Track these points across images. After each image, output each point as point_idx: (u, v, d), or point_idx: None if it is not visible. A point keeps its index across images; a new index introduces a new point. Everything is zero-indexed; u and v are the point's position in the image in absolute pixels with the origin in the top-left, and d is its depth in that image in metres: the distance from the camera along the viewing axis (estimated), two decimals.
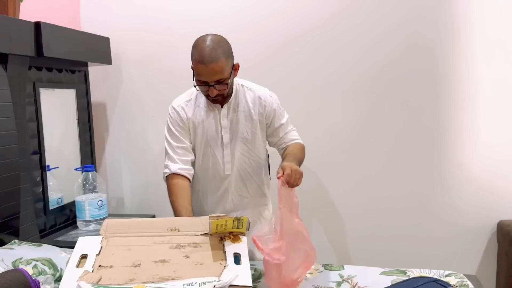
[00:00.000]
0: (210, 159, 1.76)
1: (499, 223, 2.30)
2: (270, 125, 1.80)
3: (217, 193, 1.81)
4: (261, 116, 1.77)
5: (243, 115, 1.74)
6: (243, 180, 1.80)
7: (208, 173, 1.78)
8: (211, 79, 1.57)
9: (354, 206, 2.49)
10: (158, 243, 1.32)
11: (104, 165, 2.81)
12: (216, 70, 1.55)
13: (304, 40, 2.42)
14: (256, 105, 1.76)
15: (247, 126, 1.75)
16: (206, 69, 1.55)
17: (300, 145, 1.84)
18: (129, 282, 1.13)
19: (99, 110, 2.74)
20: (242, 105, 1.75)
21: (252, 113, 1.75)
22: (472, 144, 2.32)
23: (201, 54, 1.54)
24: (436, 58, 2.30)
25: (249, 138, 1.76)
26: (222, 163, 1.76)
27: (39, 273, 1.46)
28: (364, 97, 2.40)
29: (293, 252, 1.45)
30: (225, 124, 1.73)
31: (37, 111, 2.10)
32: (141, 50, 2.64)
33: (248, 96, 1.76)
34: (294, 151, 1.76)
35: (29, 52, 1.94)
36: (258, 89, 1.79)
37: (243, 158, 1.77)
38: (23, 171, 1.94)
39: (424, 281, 1.08)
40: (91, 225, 2.25)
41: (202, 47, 1.55)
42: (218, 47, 1.56)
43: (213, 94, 1.61)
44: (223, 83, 1.59)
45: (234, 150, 1.76)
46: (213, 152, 1.75)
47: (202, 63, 1.54)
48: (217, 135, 1.74)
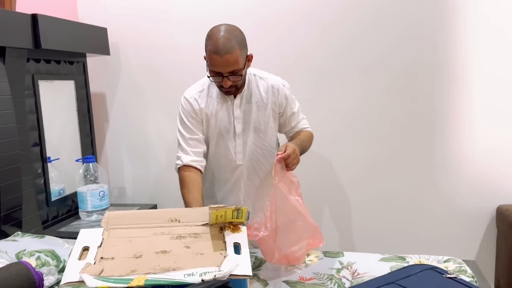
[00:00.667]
0: (222, 149, 1.77)
1: (498, 208, 2.31)
2: (283, 114, 1.80)
3: (229, 183, 1.82)
4: (274, 105, 1.76)
5: (255, 105, 1.74)
6: (255, 170, 1.81)
7: (221, 163, 1.79)
8: (226, 70, 1.56)
9: (352, 193, 2.51)
10: (159, 234, 1.33)
11: (105, 155, 2.82)
12: (231, 61, 1.54)
13: (302, 27, 2.41)
14: (269, 94, 1.75)
15: (260, 116, 1.75)
16: (221, 60, 1.53)
17: (309, 133, 1.86)
18: (131, 273, 1.14)
19: (98, 100, 2.74)
20: (255, 95, 1.74)
21: (265, 102, 1.74)
22: (471, 130, 2.32)
23: (216, 44, 1.53)
24: (435, 44, 2.29)
25: (261, 128, 1.76)
26: (234, 153, 1.76)
27: (42, 264, 1.48)
28: (362, 84, 2.40)
29: (289, 227, 1.48)
30: (238, 115, 1.73)
31: (36, 103, 2.11)
32: (139, 39, 2.63)
33: (261, 85, 1.75)
34: (302, 138, 1.78)
35: (26, 45, 1.94)
36: (270, 78, 1.78)
37: (255, 147, 1.78)
38: (24, 163, 1.95)
39: (422, 269, 1.09)
40: (93, 216, 2.27)
41: (217, 38, 1.54)
42: (232, 37, 1.54)
43: (227, 85, 1.60)
44: (237, 74, 1.59)
45: (246, 140, 1.76)
46: (225, 142, 1.76)
47: (217, 53, 1.53)
48: (230, 125, 1.74)
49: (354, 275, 1.47)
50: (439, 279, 1.02)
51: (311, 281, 1.45)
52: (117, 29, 2.62)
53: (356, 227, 2.53)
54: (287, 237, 1.49)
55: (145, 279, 1.08)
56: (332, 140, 2.48)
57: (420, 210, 2.43)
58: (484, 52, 2.24)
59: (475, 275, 1.44)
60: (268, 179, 1.81)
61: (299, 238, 1.52)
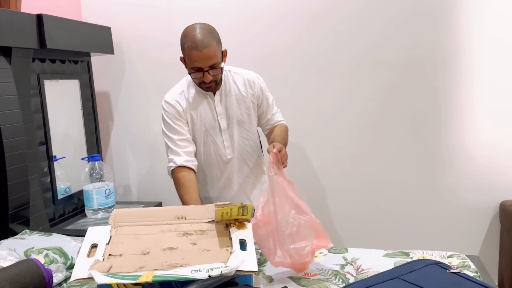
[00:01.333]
0: (211, 146, 1.81)
1: (502, 203, 2.32)
2: (260, 106, 1.87)
3: (222, 178, 1.86)
4: (252, 97, 1.82)
5: (235, 99, 1.80)
6: (245, 161, 1.87)
7: (211, 160, 1.83)
8: (206, 64, 1.62)
9: (356, 189, 2.52)
10: (166, 231, 1.35)
11: (110, 154, 2.84)
12: (210, 54, 1.61)
13: (307, 23, 2.42)
14: (246, 87, 1.81)
15: (242, 109, 1.81)
16: (201, 55, 1.60)
17: (285, 127, 1.92)
18: (139, 269, 1.16)
19: (103, 99, 2.76)
20: (233, 90, 1.80)
21: (244, 95, 1.81)
22: (475, 125, 2.32)
23: (194, 40, 1.60)
24: (438, 40, 2.29)
25: (245, 120, 1.82)
26: (223, 148, 1.81)
27: (50, 261, 1.50)
28: (366, 81, 2.40)
29: (290, 223, 1.47)
30: (220, 111, 1.78)
31: (42, 102, 2.13)
32: (143, 38, 2.65)
33: (237, 80, 1.82)
34: (282, 134, 1.83)
35: (32, 45, 1.96)
36: (244, 72, 1.85)
37: (242, 140, 1.83)
38: (31, 162, 1.97)
39: (425, 264, 1.10)
40: (99, 213, 2.30)
41: (194, 34, 1.61)
42: (208, 33, 1.62)
43: (208, 79, 1.65)
44: (216, 68, 1.65)
45: (232, 134, 1.81)
46: (213, 139, 1.80)
47: (196, 49, 1.59)
48: (215, 122, 1.79)
49: (358, 271, 1.49)
50: (443, 274, 1.04)
51: (316, 277, 1.46)
52: (121, 28, 2.63)
53: (359, 223, 2.54)
54: (291, 233, 1.48)
55: (153, 275, 1.10)
56: (335, 136, 2.49)
57: (424, 206, 2.44)
58: (488, 48, 2.24)
59: (478, 270, 1.45)
60: (256, 168, 1.89)
61: (304, 236, 1.51)
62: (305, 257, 1.46)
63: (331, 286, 1.38)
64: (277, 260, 1.47)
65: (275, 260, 1.47)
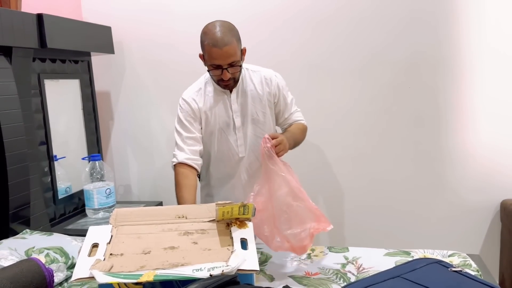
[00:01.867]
0: (224, 144, 1.80)
1: (503, 202, 2.32)
2: (277, 105, 1.85)
3: (234, 176, 1.85)
4: (269, 96, 1.81)
5: (251, 98, 1.79)
6: (258, 160, 1.83)
7: (224, 158, 1.82)
8: (225, 62, 1.62)
9: (357, 188, 2.52)
10: (167, 230, 1.35)
11: (110, 153, 2.84)
12: (230, 52, 1.60)
13: (308, 23, 2.42)
14: (263, 85, 1.80)
15: (257, 108, 1.79)
16: (221, 52, 1.59)
17: (302, 126, 1.91)
18: (140, 269, 1.16)
19: (103, 99, 2.76)
20: (250, 88, 1.79)
21: (260, 94, 1.79)
22: (475, 125, 2.32)
23: (214, 38, 1.59)
24: (438, 38, 2.29)
25: (260, 119, 1.80)
26: (236, 146, 1.80)
27: (51, 261, 1.50)
28: (366, 79, 2.40)
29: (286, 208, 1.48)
30: (236, 109, 1.77)
31: (42, 102, 2.13)
32: (143, 38, 2.65)
33: (254, 78, 1.80)
34: (294, 130, 1.83)
35: (32, 44, 1.96)
36: (262, 71, 1.83)
37: (256, 138, 1.81)
38: (32, 161, 1.97)
39: (427, 262, 1.10)
40: (99, 213, 2.30)
41: (214, 32, 1.60)
42: (228, 31, 1.61)
43: (226, 77, 1.65)
44: (236, 66, 1.64)
45: (246, 132, 1.80)
46: (226, 137, 1.79)
47: (216, 46, 1.58)
48: (229, 120, 1.78)
49: (359, 270, 1.49)
50: (444, 273, 1.03)
51: (317, 276, 1.46)
52: (121, 27, 2.63)
53: (360, 222, 2.54)
54: (287, 219, 1.48)
55: (154, 274, 1.10)
56: (336, 135, 2.49)
57: (425, 205, 2.44)
58: (487, 47, 2.24)
59: (479, 269, 1.45)
60: None
61: (300, 221, 1.50)
62: (303, 241, 1.47)
63: (332, 285, 1.38)
64: (276, 244, 1.48)
65: (273, 245, 1.47)
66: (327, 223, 1.53)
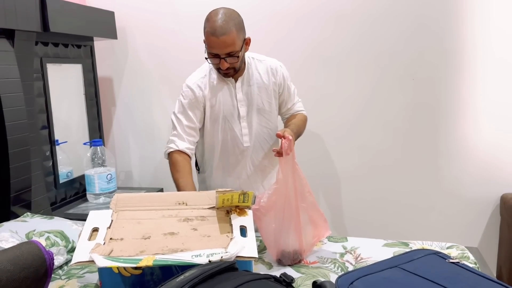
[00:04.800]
0: (228, 133, 1.79)
1: (503, 196, 2.32)
2: (281, 94, 1.84)
3: (238, 166, 1.84)
4: (274, 85, 1.80)
5: (256, 87, 1.77)
6: (263, 149, 1.84)
7: (228, 147, 1.81)
8: (222, 51, 1.60)
9: (358, 179, 2.52)
10: (167, 216, 1.35)
11: (112, 139, 2.85)
12: (228, 42, 1.58)
13: (312, 15, 2.40)
14: (269, 75, 1.79)
15: (262, 97, 1.78)
16: (218, 41, 1.57)
17: (304, 117, 1.90)
18: (140, 253, 1.17)
19: (105, 84, 2.76)
20: (255, 77, 1.78)
21: (266, 83, 1.78)
22: (477, 118, 2.32)
23: (213, 26, 1.57)
24: (442, 31, 2.27)
25: (265, 108, 1.80)
26: (240, 136, 1.79)
27: (52, 244, 1.51)
28: (369, 71, 2.39)
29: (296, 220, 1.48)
30: (241, 98, 1.76)
31: (44, 86, 2.13)
32: (146, 23, 2.63)
33: (260, 67, 1.79)
34: (297, 123, 1.82)
35: (35, 28, 1.95)
36: (268, 60, 1.82)
37: (261, 128, 1.81)
38: (33, 145, 1.98)
39: (425, 253, 1.10)
40: (100, 198, 2.31)
41: (214, 20, 1.57)
42: (229, 20, 1.58)
43: (224, 66, 1.63)
44: (234, 56, 1.62)
45: (251, 122, 1.79)
46: (231, 126, 1.78)
47: (213, 35, 1.57)
48: (234, 109, 1.76)
49: (357, 260, 1.49)
50: (442, 264, 1.04)
51: (315, 265, 1.47)
52: (124, 13, 2.62)
53: (360, 213, 2.55)
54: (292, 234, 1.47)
55: (153, 259, 1.10)
56: (338, 127, 2.48)
57: (425, 197, 2.45)
58: (491, 41, 2.23)
59: (477, 262, 1.45)
60: (272, 156, 1.80)
61: (306, 234, 1.50)
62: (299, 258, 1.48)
63: (329, 274, 1.39)
64: (276, 257, 1.48)
65: (274, 257, 1.48)
66: (326, 228, 1.56)
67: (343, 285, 0.96)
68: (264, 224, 1.48)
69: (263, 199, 1.47)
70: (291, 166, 1.48)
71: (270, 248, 1.49)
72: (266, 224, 1.47)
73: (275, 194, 1.46)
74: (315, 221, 1.54)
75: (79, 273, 1.45)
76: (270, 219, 1.47)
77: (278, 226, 1.46)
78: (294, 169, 1.48)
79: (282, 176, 1.46)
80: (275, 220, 1.46)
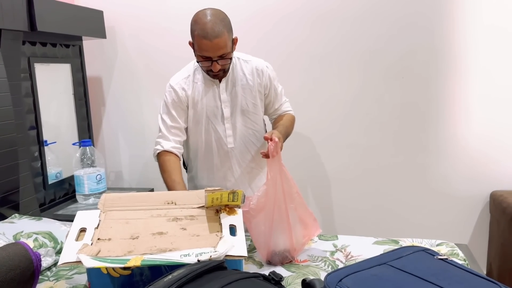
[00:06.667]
0: (212, 134, 1.77)
1: (492, 193, 2.34)
2: (268, 96, 1.82)
3: (223, 167, 1.82)
4: (259, 87, 1.78)
5: (241, 88, 1.75)
6: (249, 150, 1.82)
7: (212, 149, 1.80)
8: (215, 54, 1.57)
9: (348, 177, 2.52)
10: (155, 216, 1.34)
11: (102, 139, 2.83)
12: (220, 45, 1.55)
13: (301, 12, 2.40)
14: (254, 76, 1.76)
15: (247, 98, 1.76)
16: (211, 45, 1.54)
17: (292, 117, 1.89)
18: (128, 254, 1.16)
19: (94, 84, 2.74)
20: (241, 78, 1.75)
21: (251, 84, 1.76)
22: (466, 116, 2.33)
23: (204, 29, 1.53)
24: (431, 30, 2.28)
25: (250, 109, 1.77)
26: (224, 137, 1.77)
27: (40, 246, 1.50)
28: (359, 69, 2.40)
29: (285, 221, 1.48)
30: (225, 98, 1.74)
31: (32, 86, 2.11)
32: (135, 23, 2.61)
33: (245, 68, 1.76)
34: (286, 124, 1.80)
35: (22, 27, 1.93)
36: (254, 61, 1.79)
37: (246, 129, 1.79)
38: (21, 146, 1.96)
39: (414, 250, 1.10)
40: (90, 199, 2.29)
41: (204, 22, 1.54)
42: (219, 21, 1.55)
43: (216, 69, 1.61)
44: (226, 58, 1.60)
45: (235, 123, 1.77)
46: (214, 127, 1.76)
47: (206, 38, 1.53)
48: (218, 110, 1.75)
49: (347, 258, 1.49)
50: (430, 260, 1.04)
51: (305, 263, 1.47)
52: (113, 12, 2.60)
53: (350, 211, 2.56)
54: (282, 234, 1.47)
55: (141, 259, 1.10)
56: (327, 126, 2.49)
57: (415, 195, 2.46)
58: (481, 39, 2.24)
59: (467, 259, 1.46)
60: (259, 157, 1.79)
61: (296, 234, 1.51)
62: (289, 259, 1.48)
63: (320, 272, 1.39)
64: (267, 258, 1.48)
65: (264, 258, 1.48)
66: (317, 227, 1.56)
67: (332, 283, 0.96)
68: (254, 226, 1.47)
69: (253, 201, 1.46)
70: (278, 167, 1.47)
71: (260, 250, 1.49)
72: (256, 226, 1.47)
73: (264, 196, 1.46)
74: (304, 220, 1.54)
75: (68, 274, 1.44)
76: (259, 220, 1.47)
77: (267, 228, 1.45)
78: (281, 170, 1.48)
79: (270, 177, 1.46)
80: (264, 222, 1.46)
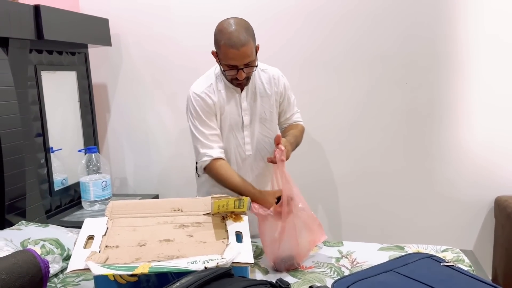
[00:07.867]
0: (232, 141, 1.78)
1: (497, 199, 2.34)
2: (281, 104, 1.84)
3: (239, 174, 1.82)
4: (276, 95, 1.80)
5: (260, 97, 1.77)
6: (263, 158, 1.83)
7: (231, 156, 1.80)
8: (242, 62, 1.58)
9: (353, 183, 2.53)
10: (162, 223, 1.35)
11: (107, 146, 2.84)
12: (247, 53, 1.56)
13: (304, 19, 2.41)
14: (271, 85, 1.78)
15: (265, 107, 1.78)
16: (238, 53, 1.55)
17: (302, 128, 1.90)
18: (135, 261, 1.17)
19: (100, 91, 2.76)
20: (259, 87, 1.77)
21: (269, 93, 1.78)
22: (470, 121, 2.33)
23: (231, 38, 1.54)
24: (434, 36, 2.29)
25: (267, 117, 1.79)
26: (243, 144, 1.78)
27: (47, 252, 1.51)
28: (363, 75, 2.40)
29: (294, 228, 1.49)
30: (245, 107, 1.75)
31: (39, 93, 2.13)
32: (140, 30, 2.63)
33: (263, 77, 1.78)
34: (295, 133, 1.81)
35: (29, 36, 1.95)
36: (270, 70, 1.81)
37: (262, 137, 1.80)
38: (28, 153, 1.97)
39: (419, 257, 1.11)
40: (95, 205, 2.30)
41: (230, 32, 1.55)
42: (244, 30, 1.56)
43: (242, 77, 1.62)
44: (251, 66, 1.62)
45: (253, 131, 1.78)
46: (235, 134, 1.77)
47: (233, 47, 1.54)
48: (239, 118, 1.75)
49: (353, 264, 1.50)
50: (436, 267, 1.05)
51: (311, 270, 1.47)
52: (118, 20, 2.62)
53: (355, 217, 2.56)
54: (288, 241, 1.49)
55: (149, 266, 1.10)
56: (331, 131, 2.49)
57: (419, 201, 2.46)
58: (485, 45, 2.25)
59: (472, 265, 1.46)
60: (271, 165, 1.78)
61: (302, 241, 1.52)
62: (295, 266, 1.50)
63: (326, 278, 1.40)
64: (273, 262, 1.49)
65: (271, 262, 1.49)
66: (322, 233, 1.57)
67: None
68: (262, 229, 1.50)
69: None
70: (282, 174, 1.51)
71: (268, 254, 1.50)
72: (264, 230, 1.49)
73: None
74: (309, 226, 1.55)
75: (75, 281, 1.45)
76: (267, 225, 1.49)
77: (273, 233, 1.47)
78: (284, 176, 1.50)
79: (276, 183, 1.48)
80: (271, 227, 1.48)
